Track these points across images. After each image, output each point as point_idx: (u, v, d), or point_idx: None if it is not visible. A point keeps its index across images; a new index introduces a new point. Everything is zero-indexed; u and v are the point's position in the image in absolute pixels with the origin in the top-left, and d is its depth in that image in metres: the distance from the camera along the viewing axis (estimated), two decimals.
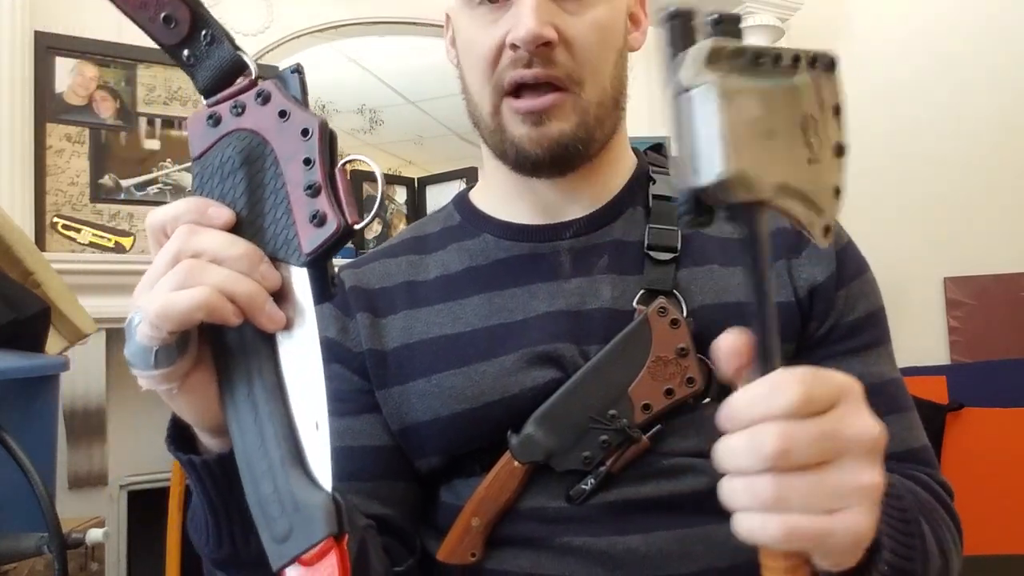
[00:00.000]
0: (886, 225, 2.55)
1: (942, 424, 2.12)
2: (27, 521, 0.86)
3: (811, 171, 0.39)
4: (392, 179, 2.40)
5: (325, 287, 0.45)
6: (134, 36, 1.79)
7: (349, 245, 2.29)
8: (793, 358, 0.66)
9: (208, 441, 0.50)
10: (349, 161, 0.45)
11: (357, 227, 0.43)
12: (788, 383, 0.37)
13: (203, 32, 0.46)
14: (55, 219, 1.66)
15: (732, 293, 0.66)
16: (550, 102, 0.63)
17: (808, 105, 0.39)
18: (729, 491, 0.38)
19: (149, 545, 1.74)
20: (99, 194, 1.72)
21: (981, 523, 1.89)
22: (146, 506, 1.77)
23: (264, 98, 0.45)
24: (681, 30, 0.38)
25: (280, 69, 0.46)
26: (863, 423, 0.38)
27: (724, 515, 0.62)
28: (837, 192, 0.41)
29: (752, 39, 2.76)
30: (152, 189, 1.77)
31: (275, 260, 0.45)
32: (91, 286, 1.52)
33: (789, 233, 0.68)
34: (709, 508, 0.61)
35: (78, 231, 1.68)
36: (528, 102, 0.64)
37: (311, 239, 0.43)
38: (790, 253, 0.67)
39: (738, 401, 0.38)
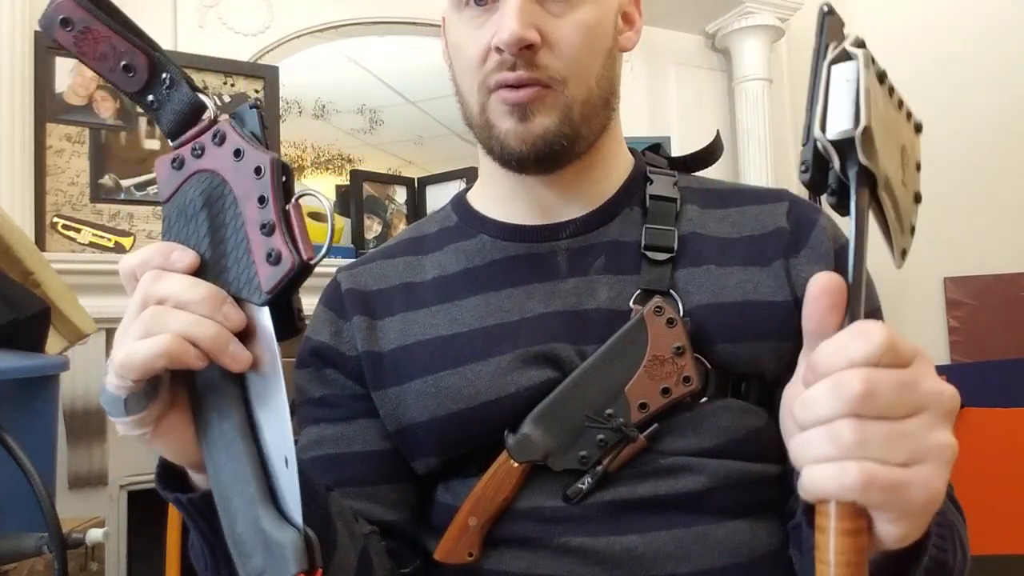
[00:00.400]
0: None
1: None
2: (27, 521, 0.86)
3: (903, 192, 0.43)
4: (392, 179, 2.40)
5: (289, 323, 0.46)
6: None
7: (350, 245, 2.27)
8: (792, 358, 0.66)
9: (195, 477, 0.51)
10: (301, 196, 0.46)
11: (312, 262, 0.44)
12: (873, 330, 0.37)
13: (162, 76, 0.47)
14: (55, 219, 1.66)
15: (729, 293, 0.66)
16: (533, 94, 0.64)
17: (905, 139, 0.43)
18: (803, 443, 0.38)
19: (149, 545, 1.74)
20: (99, 194, 1.72)
21: (981, 523, 1.89)
22: (146, 506, 1.77)
23: (220, 138, 0.46)
24: (832, 23, 0.43)
25: (238, 106, 0.48)
26: (940, 383, 0.38)
27: (721, 514, 0.62)
28: (912, 229, 0.44)
29: (753, 39, 2.71)
30: (152, 189, 1.77)
31: (239, 299, 0.45)
32: (91, 286, 1.52)
33: (786, 233, 0.68)
34: (706, 507, 0.62)
35: (78, 231, 1.68)
36: (514, 93, 0.64)
37: (268, 277, 0.44)
38: (788, 252, 0.67)
39: (823, 350, 0.38)
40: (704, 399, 0.64)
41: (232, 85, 1.88)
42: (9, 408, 0.93)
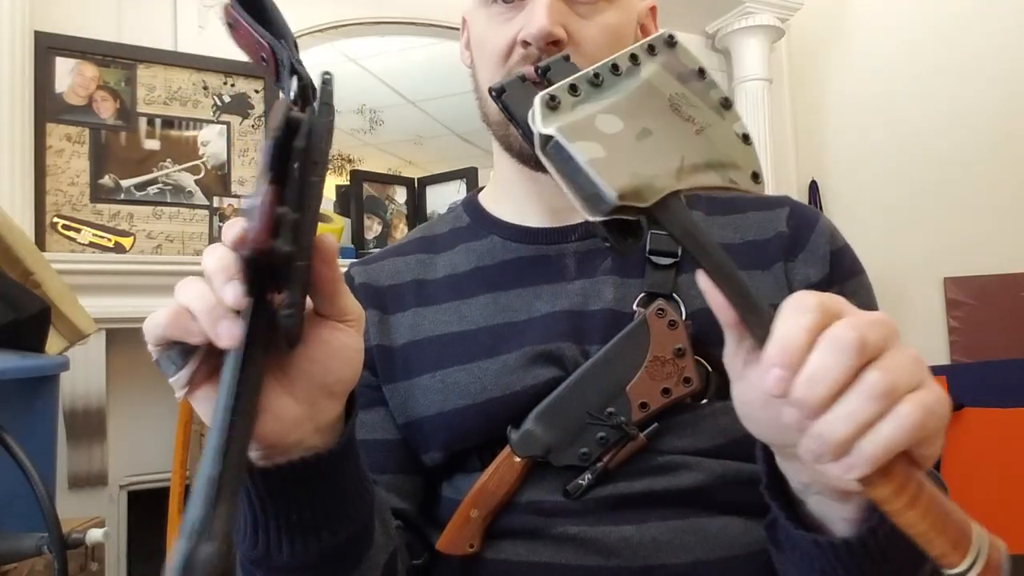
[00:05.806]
0: (886, 225, 2.55)
1: None
2: (27, 521, 0.86)
3: (703, 139, 0.42)
4: (392, 179, 2.40)
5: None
6: (134, 36, 1.80)
7: (350, 245, 2.24)
8: None
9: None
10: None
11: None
12: (806, 297, 0.37)
13: (282, 71, 0.49)
14: (55, 219, 1.66)
15: None
16: None
17: (668, 87, 0.42)
18: (837, 420, 0.35)
19: (149, 545, 1.74)
20: (99, 194, 1.72)
21: (981, 523, 1.89)
22: (146, 506, 1.77)
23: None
24: (512, 101, 0.41)
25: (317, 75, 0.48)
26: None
27: (716, 510, 0.63)
28: (745, 139, 0.44)
29: (753, 39, 2.71)
30: (152, 189, 1.77)
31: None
32: (91, 286, 1.52)
33: (786, 237, 0.69)
34: (702, 503, 0.63)
35: (78, 231, 1.68)
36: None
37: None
38: (787, 255, 0.69)
39: (780, 339, 0.36)
40: (704, 400, 0.65)
41: (232, 85, 1.88)
42: (9, 408, 0.93)
